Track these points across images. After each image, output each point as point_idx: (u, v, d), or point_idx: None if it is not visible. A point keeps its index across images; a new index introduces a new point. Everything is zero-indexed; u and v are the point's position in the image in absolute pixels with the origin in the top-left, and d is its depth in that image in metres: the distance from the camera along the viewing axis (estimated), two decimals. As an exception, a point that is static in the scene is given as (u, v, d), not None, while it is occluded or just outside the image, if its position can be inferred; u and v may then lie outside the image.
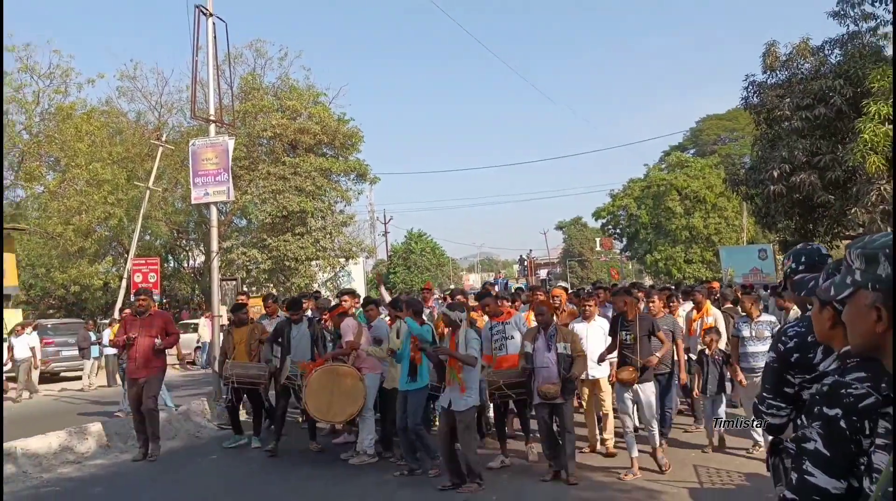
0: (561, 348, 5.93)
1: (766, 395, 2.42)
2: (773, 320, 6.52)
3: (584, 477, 6.02)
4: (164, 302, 27.00)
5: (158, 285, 20.35)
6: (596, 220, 49.67)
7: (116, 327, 11.57)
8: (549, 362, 5.92)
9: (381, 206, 79.43)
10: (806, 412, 1.59)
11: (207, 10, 10.84)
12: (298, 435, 8.33)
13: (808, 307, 2.30)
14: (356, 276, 36.39)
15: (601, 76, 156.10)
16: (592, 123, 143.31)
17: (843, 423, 1.39)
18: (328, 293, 22.09)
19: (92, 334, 15.93)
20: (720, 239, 38.09)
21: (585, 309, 7.15)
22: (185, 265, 32.90)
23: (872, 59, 13.41)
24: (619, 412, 6.38)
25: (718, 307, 8.35)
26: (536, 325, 6.23)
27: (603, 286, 10.43)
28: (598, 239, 60.18)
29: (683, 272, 38.44)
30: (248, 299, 10.47)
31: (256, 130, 24.67)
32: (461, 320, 6.03)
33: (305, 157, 24.58)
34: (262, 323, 8.65)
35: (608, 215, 46.94)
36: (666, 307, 7.71)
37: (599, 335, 6.90)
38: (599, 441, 7.06)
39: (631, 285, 10.67)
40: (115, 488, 6.55)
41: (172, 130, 28.14)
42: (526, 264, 52.40)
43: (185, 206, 27.45)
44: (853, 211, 12.97)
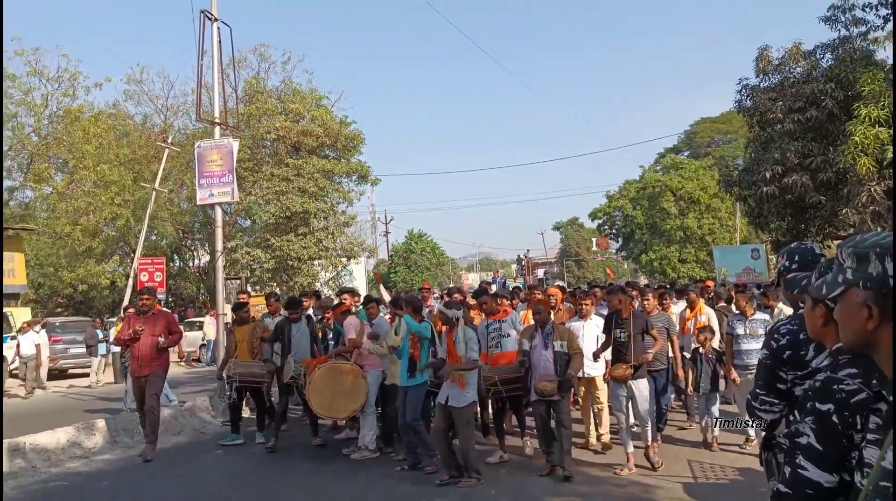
0: (558, 346, 6.00)
1: (759, 391, 2.47)
2: (766, 318, 6.55)
3: (580, 472, 6.10)
4: (169, 301, 27.23)
5: (164, 284, 20.57)
6: (592, 220, 49.86)
7: (121, 325, 11.73)
8: (546, 359, 5.99)
9: (382, 206, 79.68)
10: (799, 408, 1.60)
11: (212, 14, 10.99)
12: (301, 431, 8.46)
13: (800, 305, 2.33)
14: (358, 275, 36.62)
15: (602, 76, 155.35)
16: (593, 123, 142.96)
17: (835, 418, 1.42)
18: (330, 292, 22.25)
19: (99, 331, 16.17)
20: (714, 239, 38.17)
21: (582, 308, 7.25)
22: (190, 265, 33.18)
23: (863, 63, 13.51)
24: (613, 409, 6.48)
25: (712, 306, 8.42)
26: (534, 323, 6.29)
27: (599, 285, 10.52)
28: (594, 239, 60.39)
29: (678, 272, 38.48)
30: (248, 297, 10.60)
31: (260, 133, 24.86)
32: (457, 318, 6.11)
33: (308, 159, 24.76)
34: (263, 322, 8.77)
35: (604, 215, 47.00)
36: (660, 305, 7.82)
37: (595, 334, 6.96)
38: (595, 436, 7.16)
39: (626, 284, 10.77)
40: (121, 482, 6.68)
41: (178, 133, 28.47)
42: (524, 263, 52.50)
43: (190, 206, 27.71)
44: (844, 212, 13.01)
